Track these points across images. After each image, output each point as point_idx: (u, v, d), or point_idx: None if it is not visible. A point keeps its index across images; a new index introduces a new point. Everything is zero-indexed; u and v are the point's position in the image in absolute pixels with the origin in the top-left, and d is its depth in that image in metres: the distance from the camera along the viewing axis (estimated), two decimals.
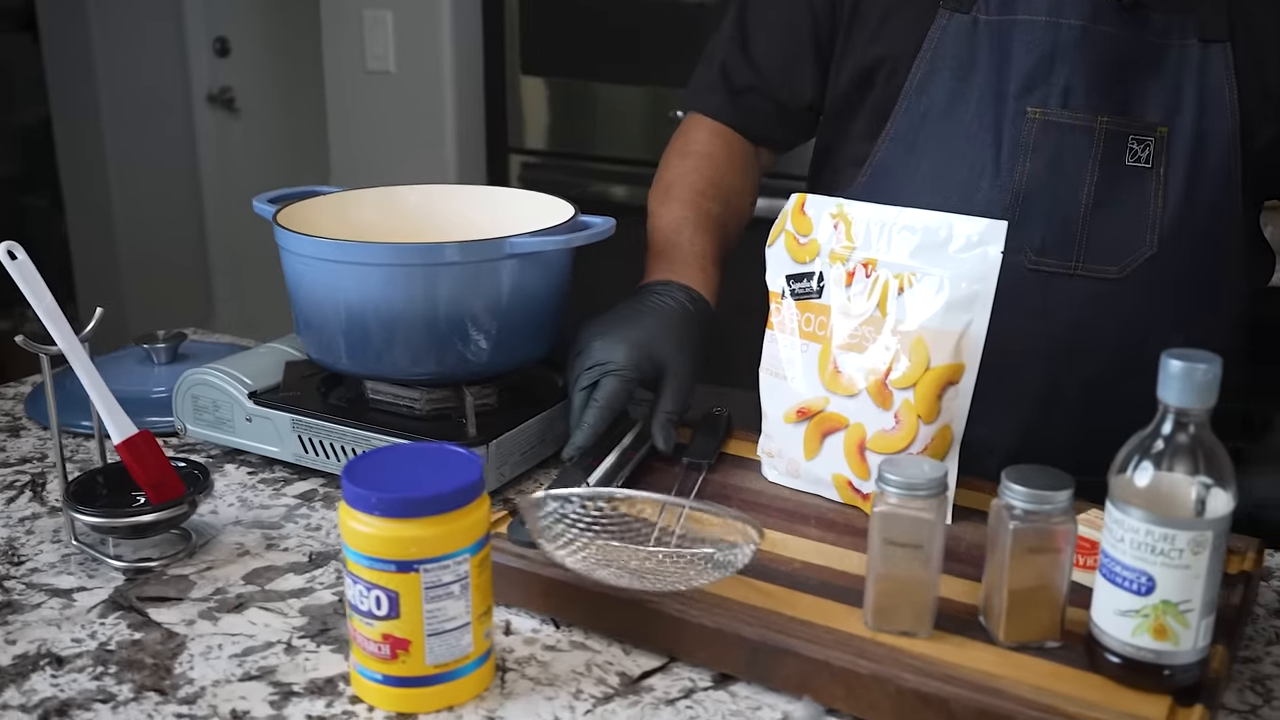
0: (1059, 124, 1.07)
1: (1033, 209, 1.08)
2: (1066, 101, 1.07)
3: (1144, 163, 1.07)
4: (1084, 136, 1.07)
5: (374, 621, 0.78)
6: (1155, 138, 1.06)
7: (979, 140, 1.10)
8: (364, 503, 0.77)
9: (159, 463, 1.00)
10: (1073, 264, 1.08)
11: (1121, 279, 1.08)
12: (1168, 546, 0.72)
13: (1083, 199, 1.08)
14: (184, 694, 0.82)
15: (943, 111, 1.11)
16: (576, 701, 0.81)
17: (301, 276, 1.10)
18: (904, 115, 1.13)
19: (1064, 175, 1.08)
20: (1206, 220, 1.08)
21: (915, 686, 0.76)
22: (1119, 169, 1.07)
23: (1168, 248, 1.07)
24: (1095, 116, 1.07)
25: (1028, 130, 1.08)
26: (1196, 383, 0.71)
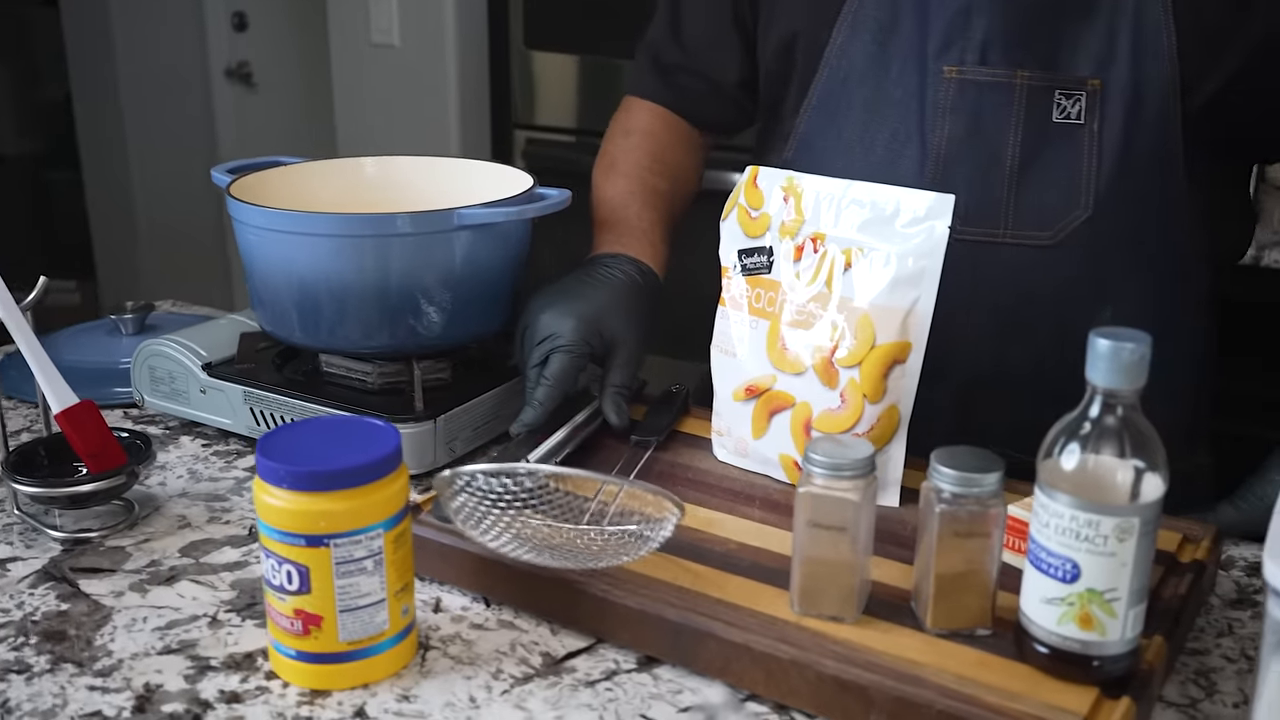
0: (976, 82, 1.02)
1: (954, 175, 1.03)
2: (984, 58, 1.02)
3: (1074, 118, 1.01)
4: (1003, 93, 1.02)
5: (286, 596, 0.77)
6: (1086, 91, 1.00)
7: (902, 105, 1.05)
8: (274, 475, 0.75)
9: (99, 433, 0.99)
10: (1000, 231, 1.03)
11: (1055, 245, 1.03)
12: (1092, 533, 0.69)
13: (1007, 161, 1.02)
14: (100, 666, 0.81)
15: (863, 77, 1.07)
16: (495, 681, 0.80)
17: (254, 248, 1.08)
18: (825, 82, 1.09)
19: (985, 137, 1.03)
20: (1147, 179, 1.02)
21: (835, 673, 0.74)
22: (1046, 127, 1.02)
23: (1104, 209, 1.02)
24: (1015, 72, 1.01)
25: (945, 91, 1.03)
26: (1124, 363, 0.68)
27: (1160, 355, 1.08)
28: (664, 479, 0.98)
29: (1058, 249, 1.03)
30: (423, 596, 0.89)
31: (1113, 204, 1.02)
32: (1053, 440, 0.71)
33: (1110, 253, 1.03)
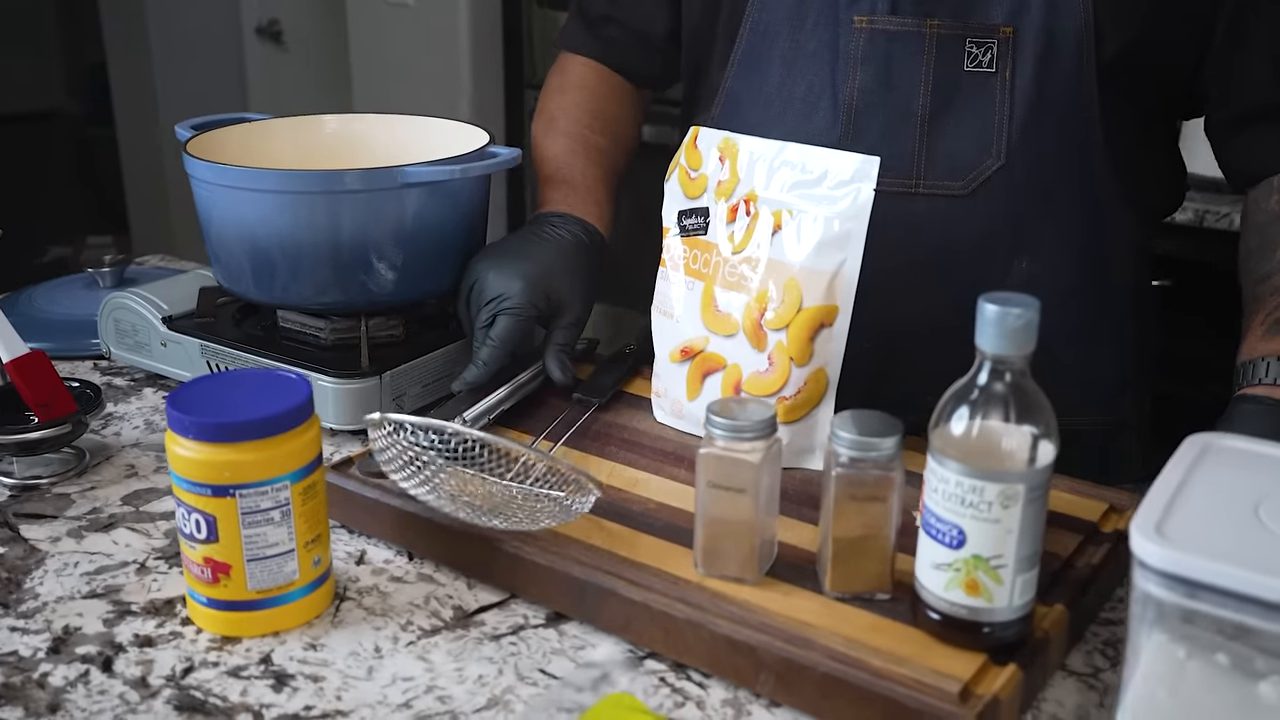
0: (886, 31, 1.01)
1: (867, 125, 1.03)
2: (895, 7, 1.01)
3: (986, 67, 1.00)
4: (913, 42, 1.01)
5: (196, 545, 0.79)
6: (998, 39, 0.99)
7: (816, 58, 1.05)
8: (181, 426, 0.77)
9: (49, 383, 1.01)
10: (913, 182, 1.02)
11: (969, 195, 1.02)
12: (977, 499, 0.69)
13: (918, 111, 1.02)
14: (25, 608, 0.83)
15: (782, 29, 1.07)
16: (402, 633, 0.81)
17: (207, 204, 1.10)
18: (747, 36, 1.09)
19: (895, 87, 1.02)
20: (1060, 129, 1.01)
21: (727, 633, 0.74)
22: (957, 75, 1.01)
23: (1017, 157, 1.01)
24: (924, 20, 1.00)
25: (856, 41, 1.03)
26: (1010, 328, 0.67)
27: (1080, 308, 1.08)
28: (600, 439, 0.99)
29: (972, 199, 1.02)
30: (348, 548, 0.91)
31: (1025, 153, 1.01)
32: (942, 406, 0.70)
33: (1024, 203, 1.03)
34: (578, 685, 0.75)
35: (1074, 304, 1.07)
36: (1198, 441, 0.71)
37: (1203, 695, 0.65)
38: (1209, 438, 0.71)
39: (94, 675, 0.76)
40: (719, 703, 0.74)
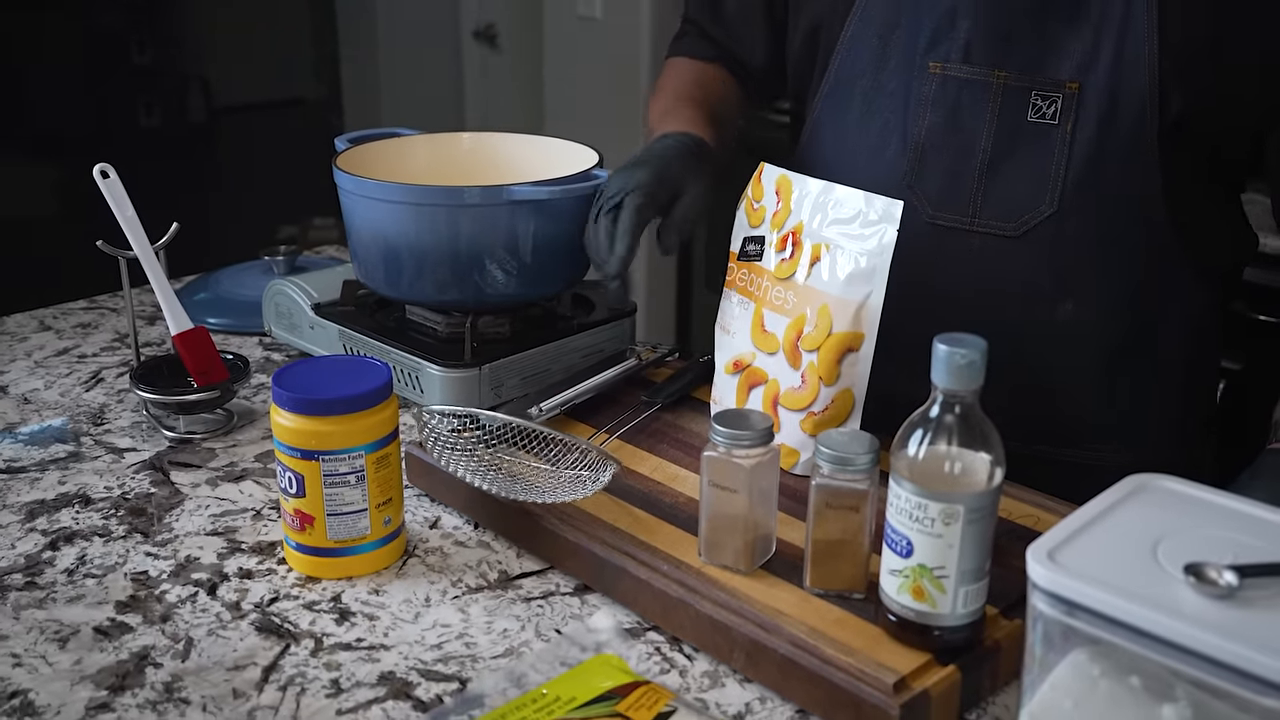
0: (957, 79, 1.09)
1: (931, 164, 1.11)
2: (967, 56, 1.08)
3: (1049, 119, 1.06)
4: (981, 91, 1.08)
5: (289, 498, 0.95)
6: (1064, 94, 1.05)
7: (893, 97, 1.13)
8: (281, 400, 0.93)
9: (207, 353, 1.20)
10: (969, 220, 1.09)
11: (1018, 237, 1.08)
12: (922, 515, 0.77)
13: (978, 154, 1.09)
14: (159, 539, 1.02)
15: (865, 69, 1.15)
16: (452, 588, 0.95)
17: (351, 210, 1.27)
18: (834, 73, 1.17)
19: (960, 130, 1.09)
20: (1117, 182, 1.06)
21: (709, 614, 0.85)
22: (1020, 124, 1.07)
23: (1070, 207, 1.06)
24: (993, 71, 1.07)
25: (928, 86, 1.10)
26: (956, 366, 0.75)
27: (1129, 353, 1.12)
28: (655, 436, 1.11)
29: (1021, 241, 1.08)
30: (425, 514, 1.06)
31: (1078, 204, 1.07)
32: (901, 432, 0.79)
33: (1074, 250, 1.08)
34: (580, 645, 0.88)
35: (1118, 348, 1.12)
36: (1135, 480, 0.78)
37: (1107, 710, 0.72)
38: (1147, 477, 0.78)
39: (201, 597, 0.94)
40: (699, 673, 0.86)
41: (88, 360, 1.38)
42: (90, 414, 1.25)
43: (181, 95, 3.72)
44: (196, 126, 3.74)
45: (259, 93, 3.92)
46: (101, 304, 1.56)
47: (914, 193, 1.12)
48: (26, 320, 1.50)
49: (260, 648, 0.87)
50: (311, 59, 4.65)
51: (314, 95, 4.81)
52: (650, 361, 1.23)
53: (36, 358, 1.39)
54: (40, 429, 1.20)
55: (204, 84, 3.72)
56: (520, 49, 3.65)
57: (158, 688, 0.83)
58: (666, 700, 0.79)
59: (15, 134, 3.20)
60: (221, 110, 3.77)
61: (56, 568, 0.97)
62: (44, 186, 3.28)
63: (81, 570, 0.97)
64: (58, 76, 3.28)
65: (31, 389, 1.30)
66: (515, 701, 0.80)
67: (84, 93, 3.39)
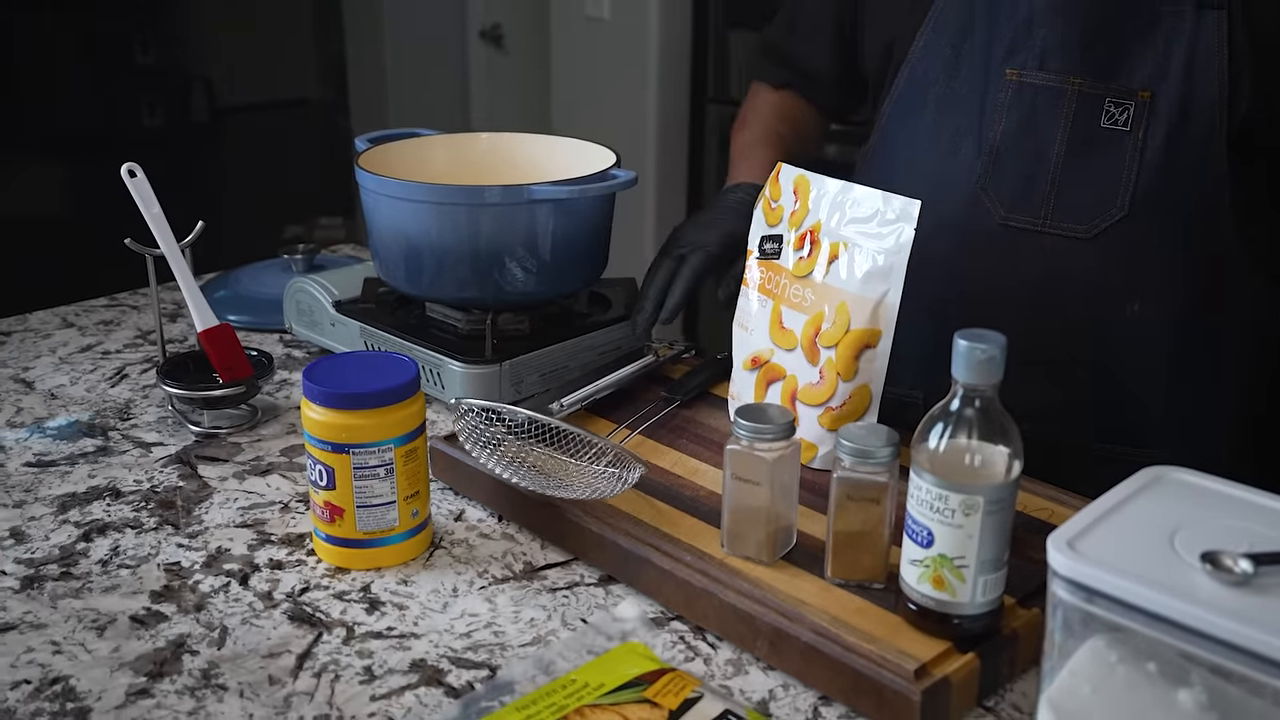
0: (1033, 85, 1.12)
1: (1005, 167, 1.14)
2: (1043, 64, 1.12)
3: (1122, 125, 1.09)
4: (1056, 97, 1.11)
5: (319, 490, 0.97)
6: (1136, 102, 1.08)
7: (967, 102, 1.16)
8: (312, 394, 0.95)
9: (233, 350, 1.22)
10: (1041, 221, 1.12)
11: (1090, 239, 1.11)
12: (942, 506, 0.79)
13: (1052, 158, 1.12)
14: (190, 530, 1.04)
15: (938, 76, 1.18)
16: (478, 579, 0.97)
17: (373, 209, 1.29)
18: (906, 78, 1.20)
19: (1035, 135, 1.12)
20: (1186, 187, 1.08)
21: (733, 603, 0.88)
22: (1093, 130, 1.10)
23: (1140, 210, 1.09)
24: (1067, 78, 1.10)
25: (1005, 91, 1.14)
26: (976, 361, 0.77)
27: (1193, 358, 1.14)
28: (675, 431, 1.13)
29: (1092, 243, 1.11)
30: (451, 506, 1.08)
31: (1148, 207, 1.09)
32: (922, 425, 0.81)
33: (1142, 253, 1.11)
34: (606, 634, 0.90)
35: (1183, 353, 1.14)
36: (1151, 471, 0.80)
37: (1124, 695, 0.74)
38: (1164, 470, 0.80)
39: (233, 586, 0.96)
40: (723, 661, 0.88)
41: (111, 356, 1.40)
42: (116, 409, 1.27)
43: (185, 95, 3.74)
44: (200, 126, 3.75)
45: (264, 92, 3.93)
46: (122, 301, 1.58)
47: (987, 194, 1.15)
48: (49, 317, 1.52)
49: (293, 636, 0.90)
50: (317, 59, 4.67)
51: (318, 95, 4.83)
52: (667, 358, 1.25)
53: (61, 354, 1.41)
54: (68, 423, 1.22)
55: (208, 84, 3.74)
56: (526, 50, 3.67)
57: (195, 674, 0.85)
58: (693, 687, 0.81)
59: (20, 133, 3.21)
60: (226, 110, 3.78)
61: (91, 558, 0.99)
62: (48, 186, 3.30)
63: (115, 561, 0.99)
64: (61, 76, 3.30)
65: (57, 385, 1.32)
66: (545, 688, 0.82)
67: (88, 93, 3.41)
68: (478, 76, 3.99)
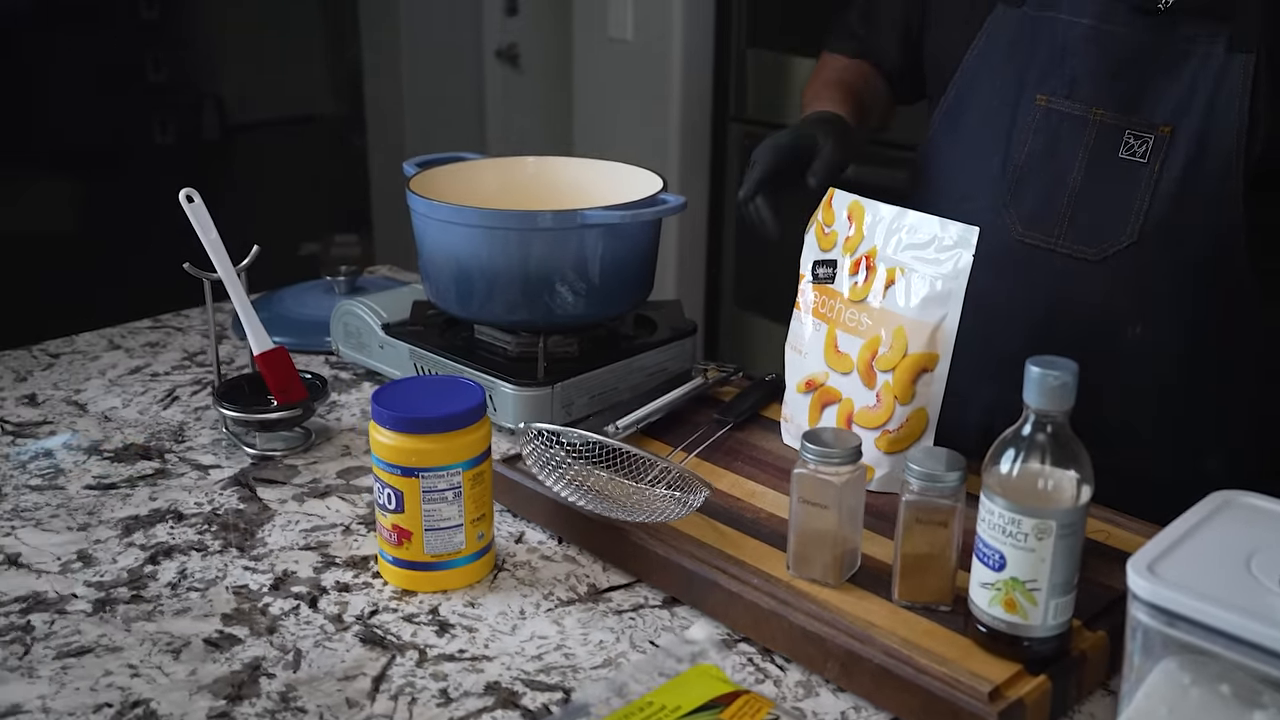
0: (1059, 112, 1.16)
1: (1027, 186, 1.18)
2: (1071, 92, 1.15)
3: (1140, 157, 1.12)
4: (1078, 125, 1.15)
5: (387, 513, 0.98)
6: (1155, 135, 1.11)
7: (1001, 121, 1.20)
8: (382, 419, 0.97)
9: (288, 373, 1.24)
10: (1054, 241, 1.15)
11: (1098, 262, 1.13)
12: (1015, 530, 0.81)
13: (1070, 182, 1.15)
14: (255, 553, 1.05)
15: (981, 93, 1.22)
16: (544, 601, 0.98)
17: (423, 233, 1.31)
18: (954, 93, 1.25)
19: (1057, 159, 1.16)
20: (1198, 222, 1.10)
21: (802, 624, 0.89)
22: (1111, 159, 1.13)
23: (1150, 239, 1.11)
24: (1091, 108, 1.14)
25: (1033, 115, 1.17)
26: (1049, 388, 0.79)
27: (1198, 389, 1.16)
28: (731, 454, 1.14)
29: (1100, 265, 1.14)
30: (511, 529, 1.09)
31: (1158, 238, 1.11)
32: (994, 449, 0.83)
33: (1149, 280, 1.13)
34: (677, 656, 0.91)
35: (1188, 383, 1.16)
36: (1219, 496, 0.81)
37: (1199, 716, 0.75)
38: (1231, 494, 0.81)
39: (303, 609, 0.97)
40: (793, 683, 0.89)
41: (160, 379, 1.42)
42: (170, 431, 1.28)
43: (197, 112, 3.76)
44: (214, 144, 3.77)
45: (277, 109, 3.96)
46: (166, 323, 1.60)
47: (1008, 211, 1.18)
48: (95, 339, 1.53)
49: (367, 658, 0.91)
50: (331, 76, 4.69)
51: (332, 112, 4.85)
52: (716, 380, 1.26)
53: (110, 376, 1.42)
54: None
55: (219, 101, 3.76)
56: (545, 70, 3.69)
57: (274, 697, 0.86)
58: (767, 709, 0.83)
59: (31, 151, 3.22)
60: (238, 127, 3.80)
61: (159, 581, 1.00)
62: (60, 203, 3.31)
63: (184, 584, 1.00)
64: (73, 94, 3.31)
65: (110, 407, 1.34)
66: (621, 711, 0.83)
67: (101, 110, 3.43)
68: (494, 96, 4.02)
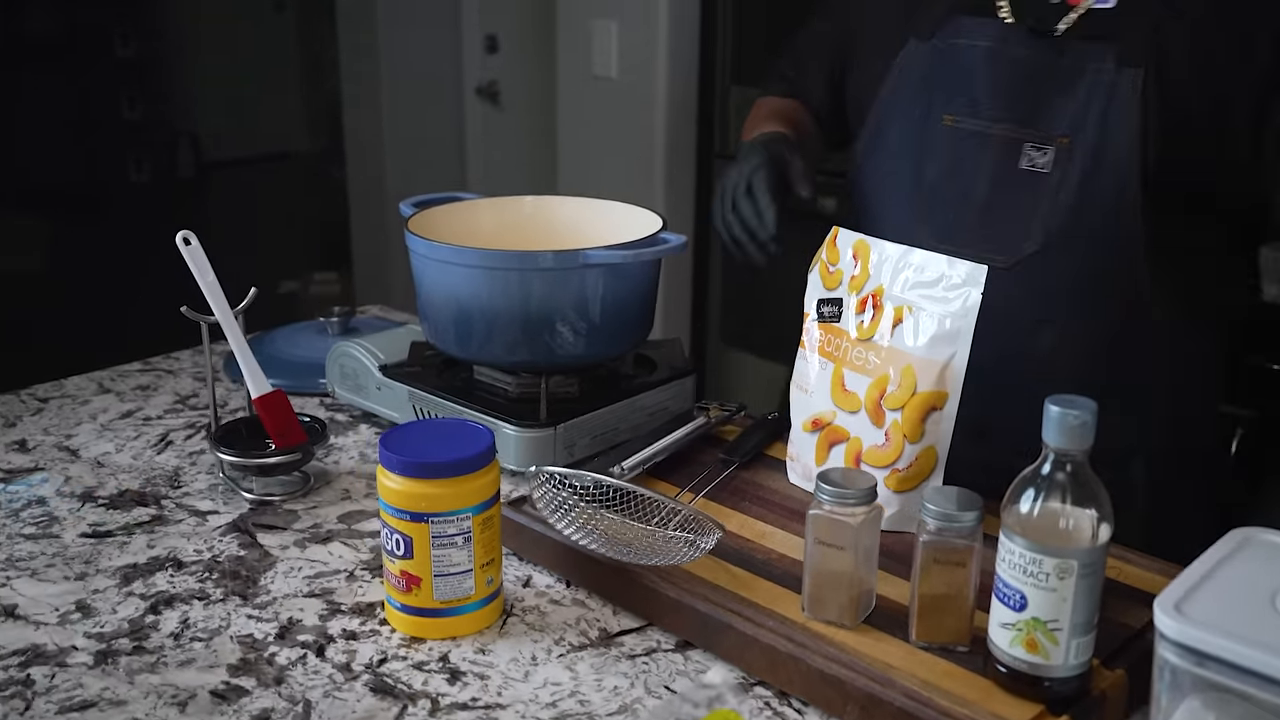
0: (964, 130, 1.22)
1: (938, 200, 1.24)
2: (975, 111, 1.21)
3: (1041, 168, 1.17)
4: (981, 141, 1.21)
5: (395, 559, 0.97)
6: (1055, 147, 1.16)
7: (913, 144, 1.27)
8: (389, 463, 0.95)
9: (286, 416, 1.22)
10: (967, 251, 1.16)
11: (1008, 270, 1.17)
12: (1036, 570, 0.80)
13: (977, 194, 1.21)
14: (259, 601, 1.03)
15: (896, 121, 1.29)
16: (555, 646, 0.97)
17: (421, 273, 1.30)
18: (873, 123, 1.31)
19: (964, 174, 1.22)
20: (1099, 231, 1.15)
21: (820, 668, 0.88)
22: (1013, 171, 1.19)
23: (1053, 247, 1.17)
24: (993, 124, 1.20)
25: (941, 134, 1.24)
26: (1070, 427, 0.79)
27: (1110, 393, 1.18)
28: (737, 494, 1.14)
29: (1011, 272, 1.18)
30: (518, 573, 1.08)
31: (1062, 245, 1.17)
32: (1013, 489, 0.82)
33: (1056, 286, 1.18)
34: (694, 701, 0.90)
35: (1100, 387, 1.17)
36: (1239, 534, 0.81)
37: None
38: (1251, 531, 0.81)
39: (310, 658, 0.95)
40: None
41: (153, 423, 1.40)
42: (166, 477, 1.26)
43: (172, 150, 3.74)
44: (189, 182, 3.75)
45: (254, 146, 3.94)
46: (156, 365, 1.58)
47: (923, 226, 1.24)
48: (85, 383, 1.52)
49: (379, 708, 0.89)
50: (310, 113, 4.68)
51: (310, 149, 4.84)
52: (720, 420, 1.26)
53: (102, 420, 1.40)
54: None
55: (195, 139, 3.74)
56: (526, 107, 3.70)
57: None
58: None
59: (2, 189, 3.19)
60: (215, 165, 3.78)
61: (162, 631, 0.99)
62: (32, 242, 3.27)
63: (187, 634, 0.98)
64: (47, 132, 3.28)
65: (103, 452, 1.32)
66: None
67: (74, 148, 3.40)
68: (474, 133, 4.02)
